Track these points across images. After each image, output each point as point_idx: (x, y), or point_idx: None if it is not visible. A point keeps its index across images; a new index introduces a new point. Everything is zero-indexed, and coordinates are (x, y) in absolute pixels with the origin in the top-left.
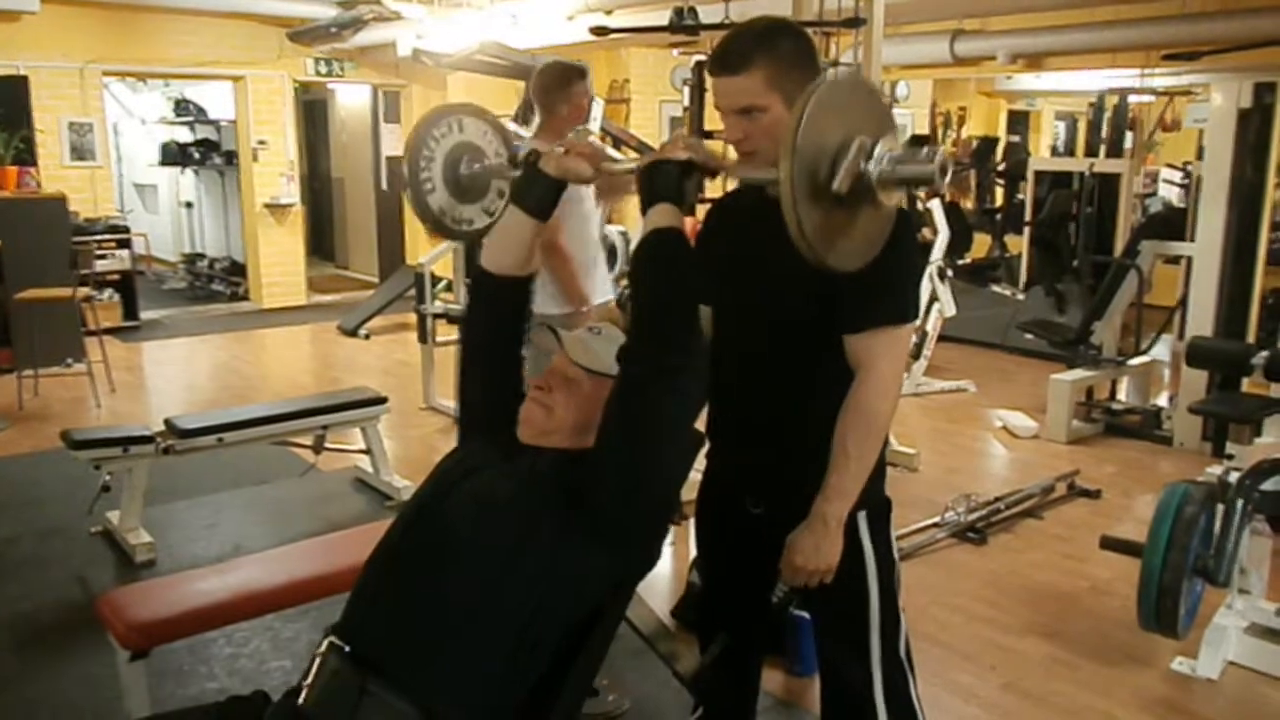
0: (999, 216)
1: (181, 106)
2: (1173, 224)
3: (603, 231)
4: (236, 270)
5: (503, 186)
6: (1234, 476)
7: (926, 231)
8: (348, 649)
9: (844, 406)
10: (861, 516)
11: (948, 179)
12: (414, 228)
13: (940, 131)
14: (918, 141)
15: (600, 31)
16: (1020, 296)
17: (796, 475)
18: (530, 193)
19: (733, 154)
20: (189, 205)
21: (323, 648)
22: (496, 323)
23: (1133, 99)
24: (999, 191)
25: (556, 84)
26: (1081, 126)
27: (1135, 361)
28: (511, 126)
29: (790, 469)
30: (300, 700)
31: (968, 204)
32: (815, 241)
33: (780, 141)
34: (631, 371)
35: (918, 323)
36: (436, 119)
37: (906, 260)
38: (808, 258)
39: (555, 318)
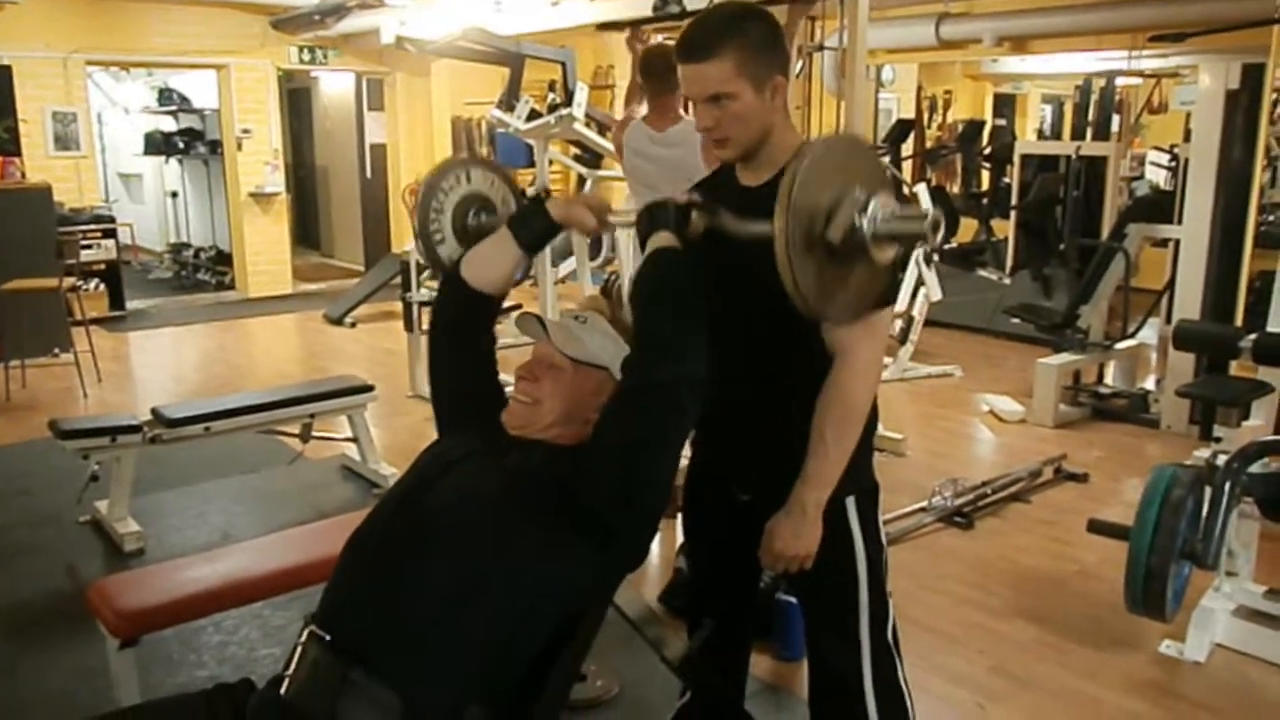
0: (985, 200)
1: (165, 95)
2: (1160, 207)
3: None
4: (222, 259)
5: None
6: (1221, 459)
7: None
8: (328, 638)
9: (822, 392)
10: (850, 502)
11: (939, 237)
12: (399, 215)
13: (926, 116)
14: (903, 126)
15: (611, 27)
16: (1007, 281)
17: (782, 462)
18: (528, 226)
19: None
20: (174, 195)
21: (303, 637)
22: (462, 324)
23: (1119, 81)
24: (985, 175)
25: (672, 66)
26: (1068, 109)
27: (1122, 345)
28: (495, 114)
29: (776, 455)
30: (282, 690)
31: (954, 188)
32: (810, 295)
33: (777, 199)
34: (634, 382)
35: (900, 307)
36: (445, 172)
37: None
38: (803, 311)
39: None
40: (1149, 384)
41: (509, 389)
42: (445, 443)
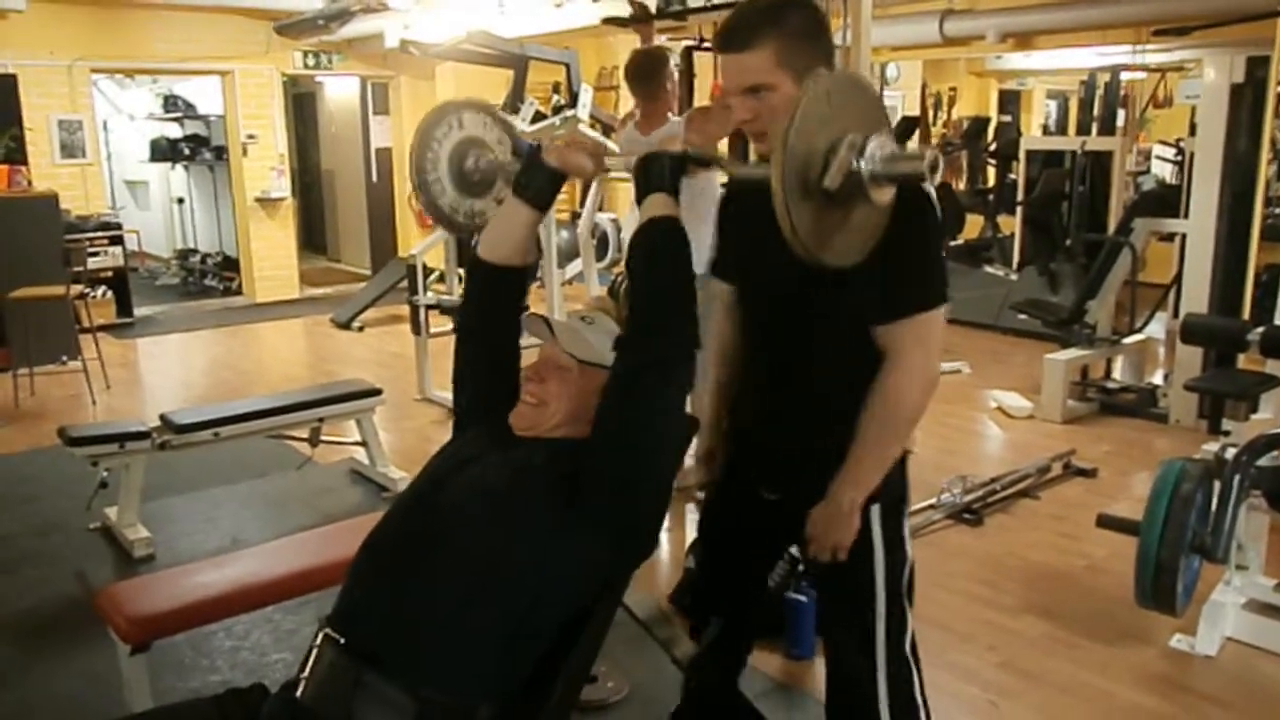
0: (991, 197)
1: (170, 102)
2: (1166, 201)
3: (593, 220)
4: (229, 265)
5: (510, 176)
6: (1230, 453)
7: None
8: (343, 641)
9: (870, 393)
10: (875, 510)
11: (938, 176)
12: (405, 219)
13: (931, 113)
14: (908, 123)
15: (614, 22)
16: (1013, 277)
17: (816, 463)
18: (531, 184)
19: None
20: (180, 201)
21: (318, 640)
22: (492, 310)
23: (1124, 76)
24: (991, 172)
25: (655, 69)
26: (1073, 105)
27: (1130, 340)
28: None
29: (811, 457)
30: (298, 693)
31: (960, 185)
32: (808, 240)
33: (772, 143)
34: (628, 362)
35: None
36: (437, 119)
37: (932, 240)
38: (802, 256)
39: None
40: (1157, 378)
41: None
42: (456, 443)
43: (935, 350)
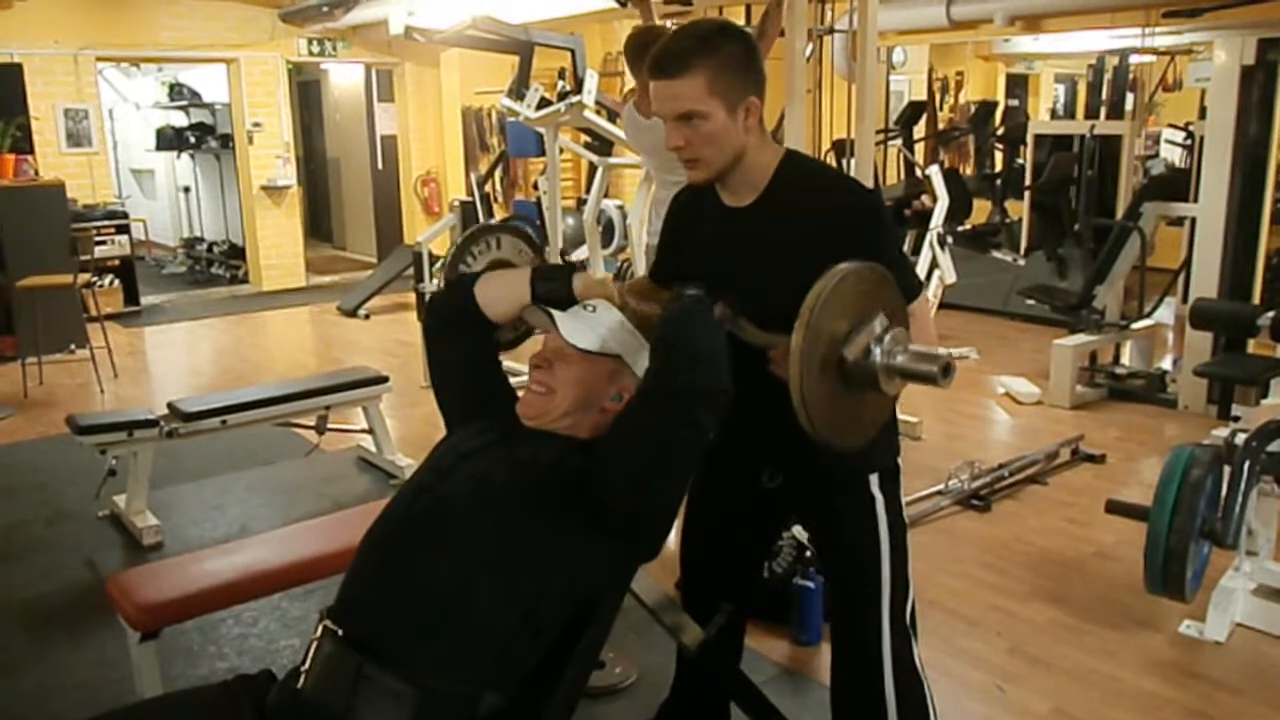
0: (999, 181)
1: (175, 91)
2: (1175, 185)
3: (599, 206)
4: (235, 253)
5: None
6: (1240, 438)
7: (926, 198)
8: (341, 633)
9: None
10: (874, 478)
11: (950, 381)
12: (411, 207)
13: (938, 97)
14: (915, 108)
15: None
16: (1021, 262)
17: (812, 446)
18: (549, 283)
19: None
20: (186, 189)
21: (318, 632)
22: (462, 323)
23: (1133, 59)
24: (998, 156)
25: (644, 48)
26: (1081, 89)
27: (1139, 325)
28: (506, 102)
29: (807, 440)
30: (299, 685)
31: (967, 169)
32: (817, 416)
33: (798, 315)
34: (652, 387)
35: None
36: (477, 237)
37: (895, 237)
38: (805, 429)
39: None
40: (1166, 364)
41: (518, 379)
42: (458, 435)
43: (932, 325)
